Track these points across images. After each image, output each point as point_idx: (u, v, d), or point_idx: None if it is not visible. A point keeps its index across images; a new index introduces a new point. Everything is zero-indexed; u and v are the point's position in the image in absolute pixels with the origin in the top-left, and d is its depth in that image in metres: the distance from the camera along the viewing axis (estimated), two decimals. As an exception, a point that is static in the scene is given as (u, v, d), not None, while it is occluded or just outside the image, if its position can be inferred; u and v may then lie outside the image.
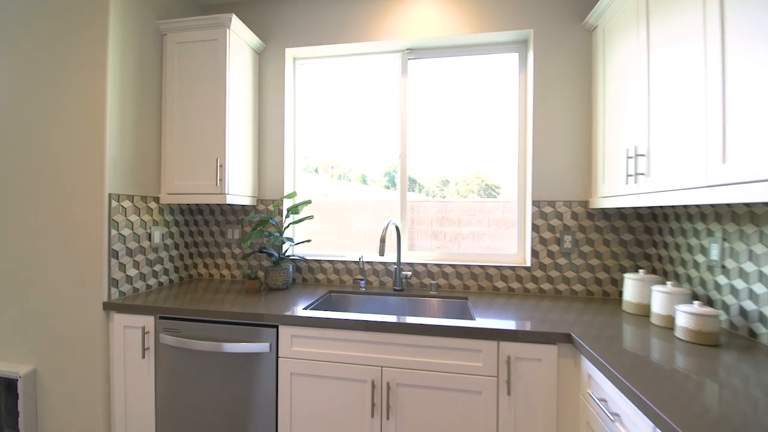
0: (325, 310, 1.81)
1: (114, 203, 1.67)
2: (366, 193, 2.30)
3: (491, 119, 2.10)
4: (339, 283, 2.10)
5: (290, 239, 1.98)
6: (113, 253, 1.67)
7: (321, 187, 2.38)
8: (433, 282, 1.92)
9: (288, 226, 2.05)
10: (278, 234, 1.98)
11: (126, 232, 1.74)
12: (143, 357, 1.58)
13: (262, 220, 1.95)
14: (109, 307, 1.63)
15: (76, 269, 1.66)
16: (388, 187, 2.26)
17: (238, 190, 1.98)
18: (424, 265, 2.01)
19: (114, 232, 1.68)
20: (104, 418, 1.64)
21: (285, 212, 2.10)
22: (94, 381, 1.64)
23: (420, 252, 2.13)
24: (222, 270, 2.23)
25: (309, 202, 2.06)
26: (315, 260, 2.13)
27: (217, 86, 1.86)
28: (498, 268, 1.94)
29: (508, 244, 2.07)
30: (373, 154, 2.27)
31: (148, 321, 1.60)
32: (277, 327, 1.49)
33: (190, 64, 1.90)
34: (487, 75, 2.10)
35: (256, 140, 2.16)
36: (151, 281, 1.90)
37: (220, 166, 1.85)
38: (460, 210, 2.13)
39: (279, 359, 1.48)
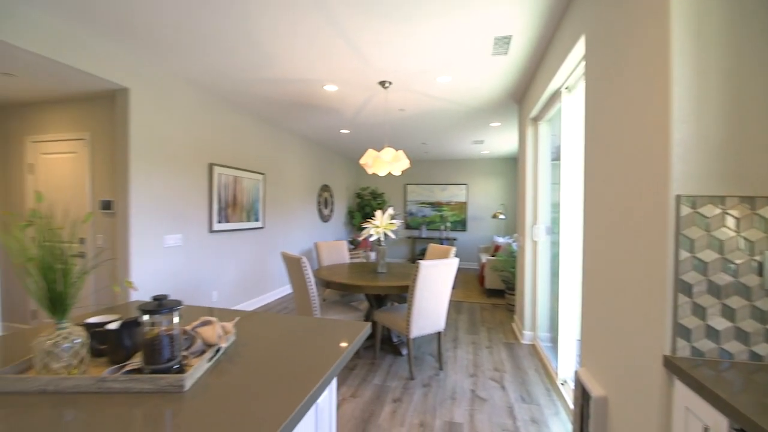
0: None
1: (685, 210, 1.09)
2: None
3: None
4: None
5: None
6: (682, 287, 1.10)
7: None
8: None
9: None
10: None
11: (709, 256, 1.09)
12: (704, 479, 0.91)
13: None
14: (670, 366, 1.10)
15: (638, 296, 1.28)
16: None
17: None
18: None
19: (684, 254, 1.10)
20: None
21: None
22: (649, 455, 1.19)
23: None
24: None
25: None
26: None
27: None
28: None
29: None
30: None
31: (719, 422, 0.90)
32: None
33: None
34: None
35: None
36: (760, 347, 1.07)
37: None
38: None
39: None
